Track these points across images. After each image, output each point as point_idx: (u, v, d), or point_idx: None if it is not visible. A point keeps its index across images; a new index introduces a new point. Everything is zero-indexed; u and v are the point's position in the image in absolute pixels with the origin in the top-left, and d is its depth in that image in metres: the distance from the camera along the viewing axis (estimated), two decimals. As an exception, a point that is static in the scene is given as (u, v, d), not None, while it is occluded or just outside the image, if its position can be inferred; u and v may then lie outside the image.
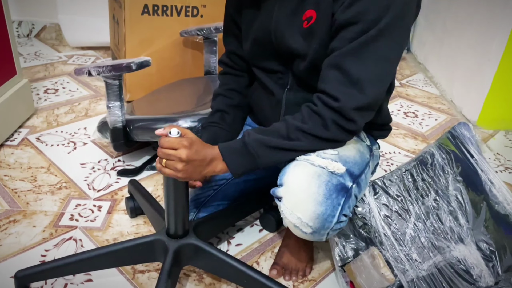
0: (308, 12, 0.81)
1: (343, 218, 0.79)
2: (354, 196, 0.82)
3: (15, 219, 1.13)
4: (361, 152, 0.88)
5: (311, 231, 0.78)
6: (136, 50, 1.63)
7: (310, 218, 0.76)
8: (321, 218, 0.76)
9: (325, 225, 0.77)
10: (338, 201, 0.76)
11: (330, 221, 0.77)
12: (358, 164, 0.84)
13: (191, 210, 1.02)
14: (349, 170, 0.80)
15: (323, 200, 0.75)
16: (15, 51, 1.45)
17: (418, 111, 1.94)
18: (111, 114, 1.22)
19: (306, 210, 0.76)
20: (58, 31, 2.33)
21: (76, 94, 1.81)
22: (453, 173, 1.03)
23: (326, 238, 0.81)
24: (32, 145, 1.44)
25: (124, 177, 1.33)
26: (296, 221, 0.78)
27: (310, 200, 0.75)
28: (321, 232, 0.78)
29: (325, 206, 0.75)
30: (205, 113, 1.24)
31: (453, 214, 0.98)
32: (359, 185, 0.83)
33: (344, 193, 0.78)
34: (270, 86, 0.94)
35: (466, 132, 1.12)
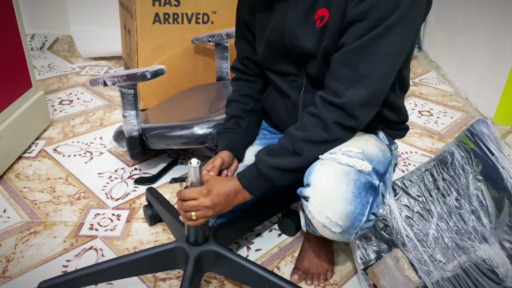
0: (320, 11, 0.81)
1: (372, 217, 0.78)
2: (381, 194, 0.81)
3: (36, 230, 1.14)
4: (383, 151, 0.87)
5: (340, 230, 0.77)
6: (149, 59, 1.65)
7: (340, 217, 0.75)
8: (351, 217, 0.75)
9: (355, 224, 0.76)
10: (367, 199, 0.76)
11: (360, 220, 0.76)
12: (382, 162, 0.83)
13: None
14: (375, 169, 0.80)
15: (353, 199, 0.75)
16: (30, 64, 1.48)
17: (433, 110, 1.91)
18: (127, 123, 1.23)
19: (335, 209, 0.75)
20: (70, 43, 2.36)
21: (91, 105, 1.83)
22: (473, 172, 1.02)
23: (354, 238, 0.81)
24: (49, 156, 1.46)
25: (141, 185, 1.33)
26: (325, 221, 0.77)
27: (339, 199, 0.75)
28: (350, 231, 0.77)
29: (354, 205, 0.75)
30: (219, 119, 1.24)
31: (475, 213, 0.97)
32: (385, 184, 0.83)
33: (372, 192, 0.77)
34: (285, 89, 0.94)
35: (485, 129, 1.11)
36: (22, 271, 1.02)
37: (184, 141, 1.22)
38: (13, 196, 1.26)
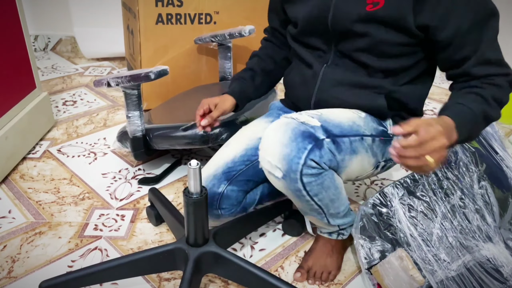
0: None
1: (313, 163, 0.81)
2: (329, 150, 0.83)
3: (41, 231, 1.15)
4: (355, 124, 0.90)
5: (281, 174, 0.82)
6: (152, 59, 1.65)
7: (278, 160, 0.81)
8: (287, 159, 0.80)
9: (293, 167, 0.80)
10: (304, 145, 0.80)
11: (297, 163, 0.80)
12: (342, 128, 0.87)
13: (222, 183, 1.03)
14: (325, 127, 0.84)
15: (288, 142, 0.80)
16: (33, 65, 1.48)
17: (436, 108, 1.91)
18: (130, 123, 1.23)
19: (274, 153, 0.82)
20: (73, 44, 2.37)
21: (94, 105, 1.83)
22: (478, 171, 1.02)
23: (301, 186, 0.83)
24: (53, 157, 1.47)
25: (145, 186, 1.34)
26: (268, 166, 0.84)
27: (277, 143, 0.81)
28: (291, 175, 0.81)
29: (290, 148, 0.80)
30: (223, 119, 1.24)
31: (479, 212, 0.97)
32: (337, 144, 0.85)
33: (312, 140, 0.81)
34: (309, 60, 1.00)
35: (489, 128, 1.11)
36: (28, 271, 1.02)
37: (188, 142, 1.22)
38: (18, 197, 1.27)
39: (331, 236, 1.03)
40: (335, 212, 0.94)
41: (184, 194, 0.86)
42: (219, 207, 1.03)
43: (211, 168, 1.05)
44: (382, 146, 0.96)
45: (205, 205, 0.88)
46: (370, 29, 0.87)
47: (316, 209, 0.91)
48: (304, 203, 0.89)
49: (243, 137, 1.10)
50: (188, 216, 0.88)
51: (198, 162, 0.81)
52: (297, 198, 0.88)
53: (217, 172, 1.03)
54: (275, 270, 1.06)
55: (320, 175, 0.83)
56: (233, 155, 1.05)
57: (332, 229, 1.01)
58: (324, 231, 1.03)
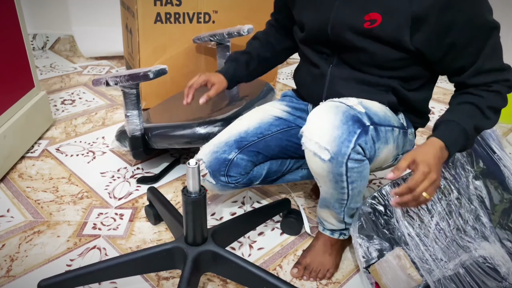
0: (373, 14, 0.86)
1: (359, 149, 0.81)
2: (371, 137, 0.84)
3: (39, 230, 1.15)
4: (387, 114, 0.92)
5: (329, 156, 0.80)
6: (150, 59, 1.65)
7: (327, 141, 0.80)
8: (337, 141, 0.79)
9: (342, 150, 0.80)
10: (354, 129, 0.80)
11: (347, 146, 0.79)
12: (379, 117, 0.88)
13: (233, 150, 1.05)
14: (368, 114, 0.85)
15: (340, 125, 0.80)
16: (32, 64, 1.48)
17: (435, 108, 1.92)
18: (129, 123, 1.23)
19: (323, 134, 0.80)
20: (72, 43, 2.37)
21: (93, 104, 1.83)
22: (474, 171, 1.02)
23: (344, 170, 0.83)
24: (52, 156, 1.47)
25: (144, 185, 1.34)
26: (314, 147, 0.82)
27: (327, 125, 0.80)
28: (338, 159, 0.80)
29: (341, 130, 0.79)
30: (221, 118, 1.25)
31: (475, 212, 0.97)
32: (377, 132, 0.86)
33: (360, 125, 0.81)
34: (316, 61, 1.01)
35: (486, 128, 1.11)
36: (26, 270, 1.03)
37: (187, 141, 1.22)
38: (17, 196, 1.27)
39: (333, 235, 1.04)
40: (353, 207, 0.95)
41: (183, 193, 0.86)
42: (226, 174, 1.05)
43: (224, 136, 1.07)
44: (403, 138, 0.98)
45: (204, 204, 0.89)
46: (367, 44, 0.88)
47: (342, 200, 0.92)
48: (337, 190, 0.89)
49: (258, 113, 1.13)
50: (187, 215, 0.89)
51: (197, 161, 0.81)
52: (334, 183, 0.86)
53: (230, 140, 1.06)
54: (273, 269, 1.06)
55: (362, 162, 0.84)
56: (246, 127, 1.08)
57: (338, 227, 1.02)
58: (329, 227, 1.03)
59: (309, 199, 1.31)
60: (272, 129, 1.10)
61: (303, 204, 1.28)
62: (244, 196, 1.31)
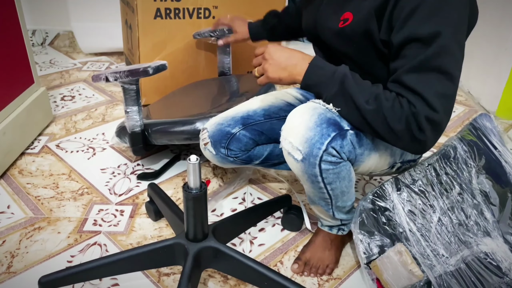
0: (346, 14, 0.86)
1: (333, 151, 0.81)
2: (350, 141, 0.83)
3: (40, 226, 1.15)
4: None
5: (301, 157, 0.82)
6: (150, 54, 1.64)
7: (300, 142, 0.81)
8: (309, 142, 0.80)
9: (313, 152, 0.80)
10: (328, 132, 0.80)
11: (318, 148, 0.80)
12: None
13: (237, 125, 1.07)
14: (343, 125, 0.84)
15: (313, 127, 0.80)
16: (31, 60, 1.47)
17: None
18: (129, 119, 1.23)
19: (297, 134, 0.82)
20: (71, 39, 2.36)
21: (93, 100, 1.83)
22: (476, 166, 1.02)
23: (318, 172, 0.83)
24: (52, 152, 1.46)
25: (144, 181, 1.34)
26: (288, 147, 0.83)
27: (301, 126, 0.81)
28: (310, 160, 0.81)
29: (314, 132, 0.80)
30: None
31: (478, 207, 0.97)
32: (359, 137, 0.85)
33: (336, 129, 0.81)
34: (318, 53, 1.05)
35: (488, 123, 1.11)
36: (27, 266, 1.03)
37: (186, 137, 1.22)
38: (17, 192, 1.27)
39: (331, 231, 1.04)
40: (342, 206, 0.95)
41: (183, 190, 0.86)
42: (227, 147, 1.07)
43: (231, 112, 1.10)
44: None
45: (205, 200, 0.88)
46: (344, 43, 0.88)
47: (325, 199, 0.92)
48: (316, 190, 0.89)
49: (270, 96, 1.15)
50: (188, 211, 0.88)
51: (198, 157, 0.81)
52: (311, 183, 0.87)
53: (236, 115, 1.08)
54: (274, 265, 1.06)
55: (338, 164, 0.84)
56: (256, 107, 1.11)
57: (334, 223, 1.02)
58: (326, 223, 1.03)
59: (310, 195, 1.30)
60: (281, 113, 1.11)
61: (303, 200, 1.27)
62: (244, 192, 1.31)
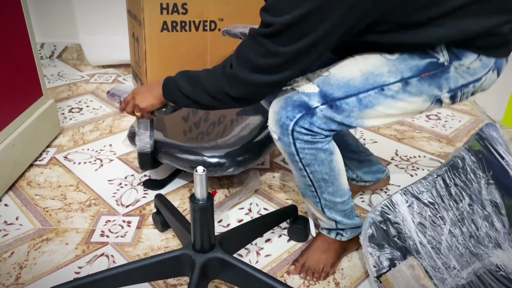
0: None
1: (303, 130, 0.86)
2: (323, 116, 0.86)
3: (48, 237, 1.15)
4: (370, 73, 0.85)
5: (277, 137, 0.90)
6: (157, 66, 1.66)
7: (273, 124, 0.90)
8: (278, 124, 0.88)
9: (283, 132, 0.88)
10: (294, 114, 0.86)
11: (286, 129, 0.87)
12: (347, 87, 0.86)
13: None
14: (324, 92, 0.86)
15: (279, 110, 0.88)
16: (40, 73, 1.49)
17: (441, 113, 1.91)
18: (140, 140, 1.21)
19: (270, 118, 0.91)
20: (79, 51, 2.39)
21: (100, 112, 1.84)
22: (485, 177, 1.01)
23: (294, 150, 0.89)
24: (60, 164, 1.47)
25: (150, 190, 1.34)
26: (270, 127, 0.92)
27: (271, 110, 0.90)
28: (284, 139, 0.89)
29: (280, 115, 0.88)
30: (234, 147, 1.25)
31: (488, 219, 0.96)
32: (336, 108, 0.86)
33: (302, 109, 0.86)
34: None
35: (494, 133, 1.10)
36: (35, 277, 1.03)
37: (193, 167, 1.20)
38: (25, 204, 1.27)
39: (329, 234, 1.06)
40: (330, 201, 0.97)
41: (190, 201, 0.86)
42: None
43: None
44: (430, 80, 0.86)
45: (212, 211, 0.88)
46: None
47: (309, 186, 0.95)
48: (298, 173, 0.94)
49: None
50: (195, 222, 0.88)
51: (204, 168, 0.81)
52: (291, 163, 0.93)
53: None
54: (281, 276, 1.05)
55: (313, 143, 0.88)
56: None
57: (329, 225, 1.03)
58: (322, 225, 1.06)
59: (317, 206, 1.30)
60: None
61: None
62: (250, 202, 1.31)
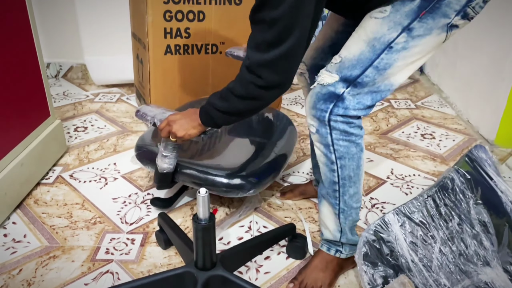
0: None
1: (339, 118, 0.93)
2: (351, 96, 0.92)
3: (55, 254, 1.19)
4: (373, 40, 0.89)
5: (314, 129, 0.97)
6: (160, 88, 1.72)
7: (310, 118, 0.98)
8: (315, 117, 0.96)
9: (321, 123, 0.96)
10: (326, 106, 0.94)
11: (323, 120, 0.95)
12: (360, 63, 0.91)
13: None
14: (343, 77, 0.92)
15: (313, 106, 0.96)
16: (48, 94, 1.55)
17: (435, 133, 1.96)
18: (163, 162, 1.21)
19: (307, 114, 0.99)
20: (84, 71, 2.45)
21: (104, 131, 1.90)
22: (474, 197, 1.06)
23: (330, 141, 0.96)
24: (66, 183, 1.52)
25: (159, 208, 1.36)
26: (308, 124, 1.00)
27: (307, 108, 0.98)
28: (322, 130, 0.96)
29: (314, 109, 0.96)
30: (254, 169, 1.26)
31: (477, 237, 1.00)
32: (359, 84, 0.92)
33: (333, 99, 0.93)
34: None
35: (483, 154, 1.15)
36: (43, 295, 1.06)
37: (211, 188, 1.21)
38: (33, 222, 1.32)
39: (329, 251, 1.09)
40: (348, 206, 1.01)
41: (193, 220, 0.90)
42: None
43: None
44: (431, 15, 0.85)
45: (213, 230, 0.93)
46: None
47: (335, 184, 1.00)
48: (328, 167, 0.99)
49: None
50: (197, 241, 0.93)
51: (207, 190, 0.86)
52: (325, 156, 0.99)
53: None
54: (280, 294, 1.09)
55: (348, 135, 0.95)
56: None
57: (334, 236, 1.07)
58: (327, 237, 1.09)
59: (314, 224, 1.34)
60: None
61: (309, 227, 1.31)
62: (250, 220, 1.35)
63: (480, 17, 0.97)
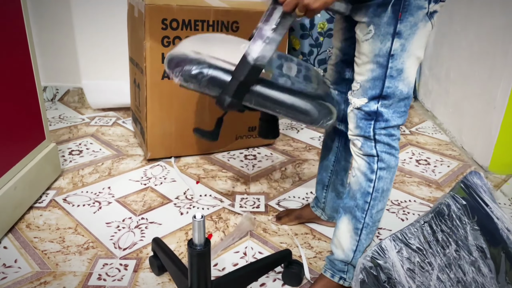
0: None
1: (382, 131, 1.00)
2: (385, 107, 0.98)
3: (46, 280, 1.16)
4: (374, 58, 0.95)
5: (360, 144, 1.03)
6: (157, 111, 1.73)
7: (355, 138, 1.04)
8: (360, 136, 1.03)
9: (366, 139, 1.02)
10: (369, 123, 1.00)
11: (368, 136, 1.02)
12: (376, 81, 0.97)
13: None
14: (371, 97, 0.98)
15: (358, 126, 1.02)
16: (44, 117, 1.55)
17: (430, 158, 1.97)
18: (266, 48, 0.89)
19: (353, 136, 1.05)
20: (80, 94, 2.47)
21: (99, 155, 1.89)
22: (471, 223, 1.06)
23: (375, 151, 1.02)
24: (59, 206, 1.50)
25: (202, 137, 1.08)
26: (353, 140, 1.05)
27: (350, 133, 1.05)
28: (367, 143, 1.02)
29: (359, 129, 1.02)
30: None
31: (475, 264, 1.00)
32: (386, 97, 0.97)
33: (372, 117, 1.00)
34: None
35: (478, 181, 1.16)
36: (31, 323, 1.03)
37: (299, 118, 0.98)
38: (24, 246, 1.29)
39: (332, 278, 1.08)
40: (374, 220, 1.06)
41: (188, 246, 0.89)
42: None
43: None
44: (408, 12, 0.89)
45: (209, 256, 0.92)
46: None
47: (367, 195, 1.04)
48: (366, 177, 1.03)
49: None
50: (192, 267, 0.91)
51: (203, 214, 0.85)
52: (367, 166, 1.03)
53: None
54: (276, 322, 1.07)
55: (391, 147, 1.02)
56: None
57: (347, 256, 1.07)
58: (339, 257, 1.09)
59: (310, 250, 1.33)
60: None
61: (305, 253, 1.30)
62: (246, 246, 1.34)
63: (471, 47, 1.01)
